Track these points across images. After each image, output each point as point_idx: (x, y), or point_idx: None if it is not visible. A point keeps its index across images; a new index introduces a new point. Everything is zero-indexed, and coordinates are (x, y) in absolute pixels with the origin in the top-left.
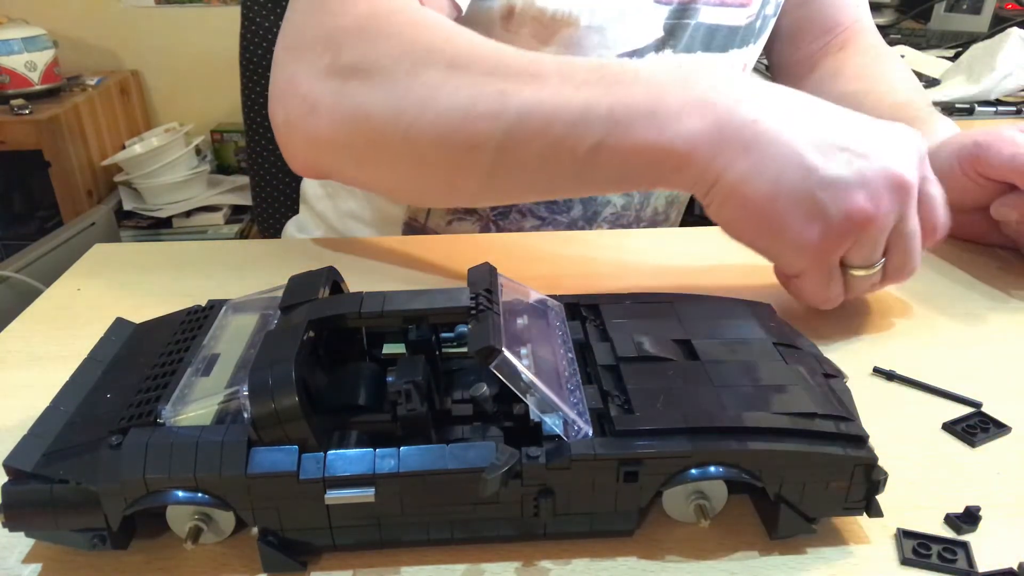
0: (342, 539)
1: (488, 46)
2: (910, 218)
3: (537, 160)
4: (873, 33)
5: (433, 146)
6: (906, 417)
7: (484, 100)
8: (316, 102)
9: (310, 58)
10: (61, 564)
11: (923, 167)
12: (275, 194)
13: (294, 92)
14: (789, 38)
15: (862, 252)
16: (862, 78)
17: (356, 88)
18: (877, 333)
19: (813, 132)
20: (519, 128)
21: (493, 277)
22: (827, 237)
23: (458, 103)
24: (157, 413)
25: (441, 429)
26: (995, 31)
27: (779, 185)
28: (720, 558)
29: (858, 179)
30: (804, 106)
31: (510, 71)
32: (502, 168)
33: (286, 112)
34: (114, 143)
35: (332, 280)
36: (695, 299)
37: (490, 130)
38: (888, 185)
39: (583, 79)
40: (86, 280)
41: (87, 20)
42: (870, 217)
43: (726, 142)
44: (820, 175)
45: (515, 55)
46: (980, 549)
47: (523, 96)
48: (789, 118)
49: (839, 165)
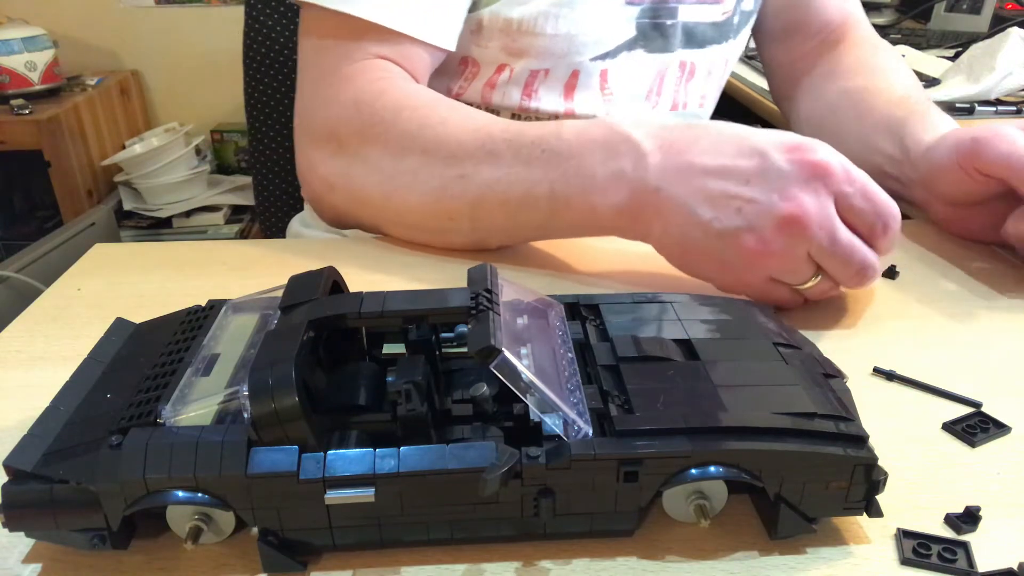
0: (342, 539)
1: (455, 125)
2: (817, 243)
3: (503, 225)
4: (865, 26)
5: (420, 217)
6: (906, 417)
7: (451, 184)
8: (332, 183)
9: (318, 145)
10: (61, 564)
11: (833, 184)
12: (277, 192)
13: (315, 175)
14: (782, 40)
15: (785, 277)
16: (858, 74)
17: (357, 172)
18: (877, 333)
19: (707, 184)
20: (482, 204)
21: (493, 277)
22: (740, 275)
23: (432, 186)
24: (157, 413)
25: (441, 429)
26: (995, 31)
27: (685, 242)
28: (720, 558)
29: (745, 226)
30: (702, 153)
31: (470, 154)
32: (478, 231)
33: (312, 190)
34: (114, 143)
35: (332, 280)
36: (695, 299)
37: (460, 207)
38: (775, 226)
39: (528, 156)
40: (86, 280)
41: (87, 20)
42: (765, 256)
43: (641, 210)
44: (713, 228)
45: (475, 133)
46: (980, 549)
47: (481, 176)
48: (685, 174)
49: (728, 215)
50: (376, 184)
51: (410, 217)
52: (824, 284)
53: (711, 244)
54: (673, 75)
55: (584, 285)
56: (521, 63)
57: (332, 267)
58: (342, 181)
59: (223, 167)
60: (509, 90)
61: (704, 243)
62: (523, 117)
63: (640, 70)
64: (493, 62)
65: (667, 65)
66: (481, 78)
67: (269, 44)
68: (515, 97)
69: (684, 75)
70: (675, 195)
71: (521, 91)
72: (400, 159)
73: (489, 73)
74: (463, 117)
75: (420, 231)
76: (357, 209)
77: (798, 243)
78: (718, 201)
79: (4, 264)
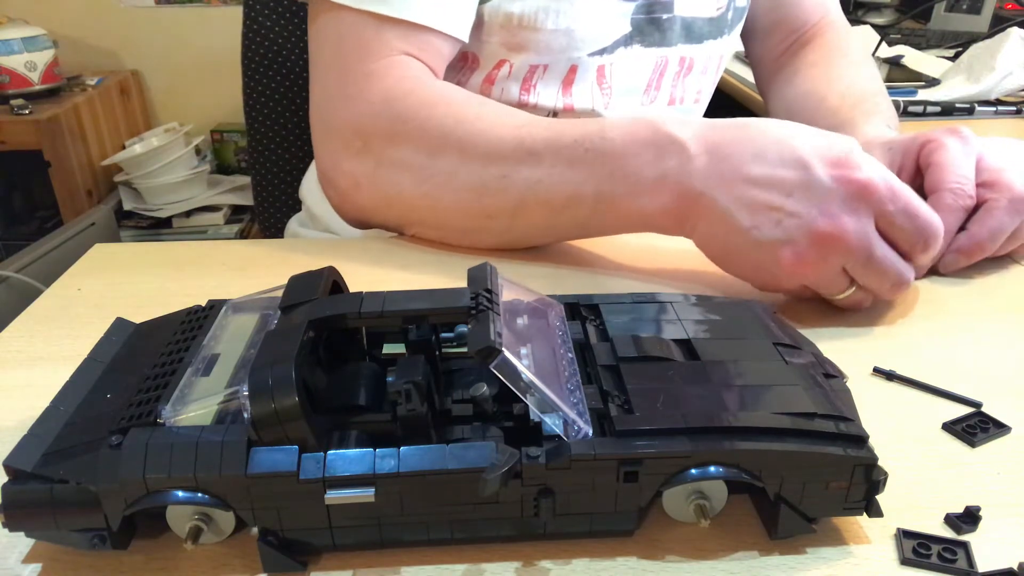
0: (342, 539)
1: (489, 123)
2: (853, 259)
3: (544, 224)
4: (838, 28)
5: (455, 217)
6: (906, 417)
7: (492, 183)
8: (359, 182)
9: (344, 143)
10: (61, 564)
11: (875, 204)
12: (276, 193)
13: (338, 174)
14: (763, 39)
15: (820, 288)
16: (811, 78)
17: (387, 171)
18: (877, 333)
19: (748, 196)
20: (523, 205)
21: (493, 277)
22: (776, 281)
23: (471, 185)
24: (157, 413)
25: (441, 429)
26: (995, 31)
27: (726, 247)
28: (720, 558)
29: (784, 238)
30: (747, 159)
31: (509, 153)
32: (515, 231)
33: (336, 189)
34: (114, 143)
35: (332, 280)
36: (695, 299)
37: (501, 206)
38: (812, 241)
39: (570, 155)
40: (86, 280)
41: (87, 20)
42: (800, 268)
43: (686, 213)
44: (752, 237)
45: (513, 131)
46: (980, 549)
47: (522, 175)
48: (728, 181)
49: (768, 225)
50: (409, 183)
51: (445, 216)
52: (857, 295)
53: (750, 250)
54: (672, 70)
55: (584, 285)
56: (520, 58)
57: (332, 267)
58: (369, 180)
59: (223, 167)
60: (508, 85)
61: (743, 249)
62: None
63: (637, 65)
64: (493, 57)
65: (665, 60)
66: (480, 72)
67: (268, 45)
68: (514, 92)
69: (682, 70)
70: (718, 201)
71: (520, 86)
72: (435, 157)
73: (489, 68)
74: (498, 115)
75: (452, 231)
76: (385, 208)
77: (834, 259)
78: (759, 212)
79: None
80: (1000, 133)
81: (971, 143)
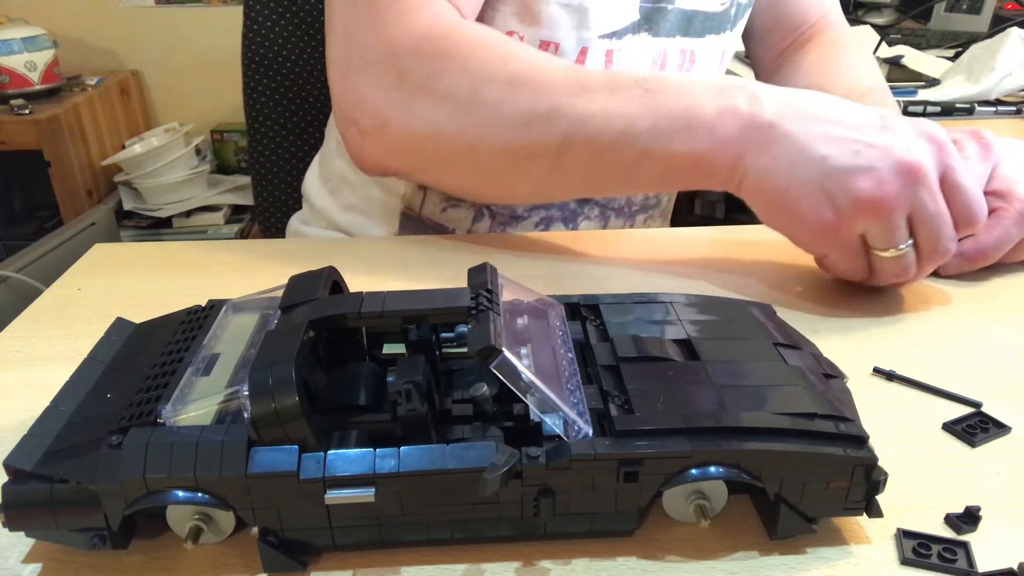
0: (342, 539)
1: (539, 61)
2: (927, 201)
3: (587, 166)
4: (839, 27)
5: (495, 156)
6: (906, 417)
7: (539, 114)
8: (388, 118)
9: (375, 77)
10: (61, 564)
11: (944, 156)
12: (276, 193)
13: (364, 109)
14: (761, 38)
15: (881, 235)
16: (810, 74)
17: (423, 106)
18: (877, 333)
19: (825, 127)
20: (571, 139)
21: (493, 277)
22: (839, 220)
23: (517, 118)
24: (157, 413)
25: (441, 429)
26: (995, 31)
27: (790, 178)
28: (720, 558)
29: (865, 165)
30: (820, 105)
31: (562, 85)
32: (556, 174)
33: (358, 127)
34: (114, 143)
35: (332, 280)
36: (695, 299)
37: (545, 141)
38: (894, 170)
39: (628, 93)
40: (86, 280)
41: (87, 20)
42: (876, 200)
43: (749, 143)
44: (827, 164)
45: (566, 70)
46: (980, 549)
47: (575, 109)
48: (803, 117)
49: (846, 155)
50: (446, 117)
51: (482, 157)
52: (906, 259)
53: (819, 184)
54: (674, 62)
55: (584, 285)
56: (531, 32)
57: (332, 267)
58: (401, 116)
59: (223, 167)
60: None
61: (811, 183)
62: None
63: (644, 54)
64: (503, 28)
65: (665, 51)
66: None
67: (268, 45)
68: None
69: (684, 63)
70: (791, 131)
71: None
72: (480, 88)
73: None
74: (548, 57)
75: (486, 175)
76: (415, 149)
77: (911, 194)
78: (836, 141)
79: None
80: (1000, 133)
81: (991, 151)
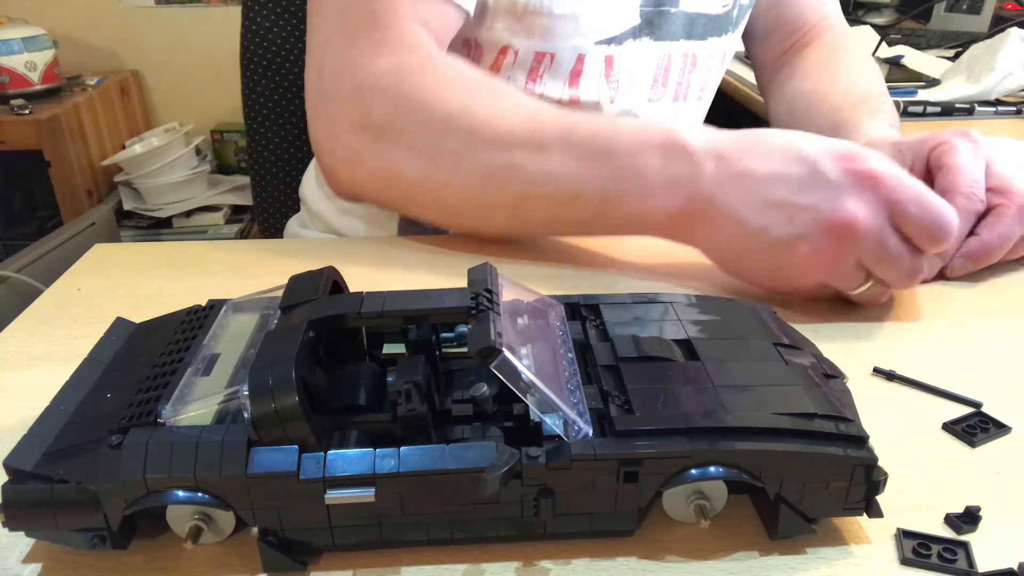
0: (342, 539)
1: (498, 110)
2: (868, 248)
3: (546, 219)
4: (839, 30)
5: (458, 203)
6: (906, 417)
7: (497, 170)
8: (357, 151)
9: (345, 111)
10: (61, 564)
11: (884, 193)
12: (275, 193)
13: (336, 141)
14: (762, 40)
15: (837, 284)
16: (812, 76)
17: (388, 148)
18: (877, 333)
19: (760, 190)
20: (528, 197)
21: (493, 277)
22: (792, 280)
23: (476, 171)
24: (157, 413)
25: (441, 429)
26: (995, 31)
27: (739, 251)
28: (720, 558)
29: (799, 233)
30: (755, 159)
31: (518, 143)
32: (516, 223)
33: (331, 156)
34: (114, 143)
35: (332, 280)
36: (695, 299)
37: (505, 197)
38: (827, 232)
39: (581, 152)
40: (86, 280)
41: (87, 20)
42: (819, 263)
43: (694, 217)
44: (767, 237)
45: (523, 122)
46: (980, 549)
47: (530, 168)
48: (740, 186)
49: (782, 224)
50: (412, 162)
51: (446, 201)
52: (874, 290)
53: (764, 251)
54: (677, 65)
55: (584, 285)
56: (526, 44)
57: (332, 267)
58: (371, 154)
59: (223, 167)
60: (514, 74)
61: (757, 250)
62: None
63: (646, 58)
64: (496, 44)
65: (670, 54)
66: (484, 62)
67: (267, 45)
68: (520, 82)
69: (686, 66)
70: (729, 203)
71: (526, 76)
72: (441, 138)
73: (492, 56)
74: (511, 101)
75: (452, 216)
76: (385, 186)
77: (849, 250)
78: (770, 210)
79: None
80: (1000, 133)
81: (981, 146)
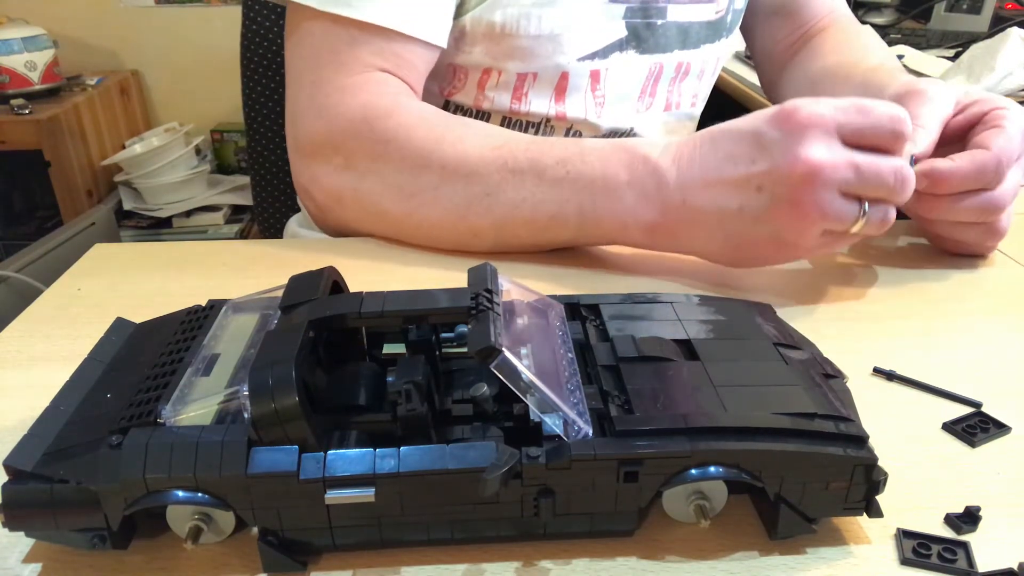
0: (342, 539)
1: (471, 142)
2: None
3: (530, 240)
4: (849, 18)
5: (442, 232)
6: (906, 417)
7: (474, 201)
8: (340, 195)
9: (324, 159)
10: (61, 564)
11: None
12: (275, 193)
13: (319, 188)
14: (770, 35)
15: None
16: (836, 53)
17: (370, 187)
18: (877, 333)
19: (721, 181)
20: (507, 223)
21: (493, 277)
22: (797, 244)
23: (455, 203)
24: (157, 413)
25: (441, 429)
26: (995, 31)
27: (732, 241)
28: (720, 558)
29: (771, 198)
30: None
31: (492, 172)
32: (503, 245)
33: (316, 204)
34: (114, 143)
35: (332, 280)
36: (695, 299)
37: (486, 224)
38: (797, 184)
39: (553, 176)
40: (86, 280)
41: (87, 20)
42: (806, 216)
43: (675, 225)
44: (747, 216)
45: (494, 151)
46: (980, 549)
47: (506, 196)
48: (702, 178)
49: (752, 198)
50: (394, 199)
51: (430, 232)
52: (876, 214)
53: (751, 229)
54: (667, 76)
55: (584, 285)
56: (507, 66)
57: (332, 267)
58: (352, 195)
59: (223, 167)
60: (498, 95)
61: (744, 232)
62: (513, 120)
63: (633, 71)
64: (478, 67)
65: (660, 66)
66: (470, 84)
67: (267, 45)
68: (505, 101)
69: (678, 75)
70: (698, 201)
71: (511, 95)
72: (418, 175)
73: (476, 77)
74: (480, 134)
75: (440, 242)
76: (372, 222)
77: (825, 188)
78: (736, 189)
79: (4, 264)
80: None
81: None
